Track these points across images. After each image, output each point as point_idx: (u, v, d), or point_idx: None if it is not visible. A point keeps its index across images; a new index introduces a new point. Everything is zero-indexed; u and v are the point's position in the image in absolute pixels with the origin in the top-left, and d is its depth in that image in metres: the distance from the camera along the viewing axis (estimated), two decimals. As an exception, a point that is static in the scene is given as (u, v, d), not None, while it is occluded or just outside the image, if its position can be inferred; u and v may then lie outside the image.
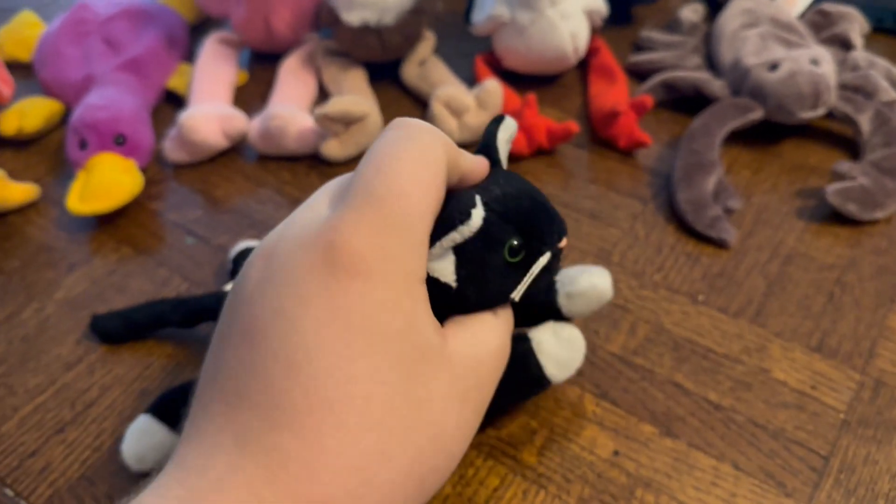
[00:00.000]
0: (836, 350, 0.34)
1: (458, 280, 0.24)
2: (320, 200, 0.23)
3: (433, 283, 0.23)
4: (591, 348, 0.34)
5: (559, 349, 0.29)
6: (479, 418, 0.24)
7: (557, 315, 0.30)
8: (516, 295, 0.25)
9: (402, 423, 0.20)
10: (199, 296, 0.35)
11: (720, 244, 0.38)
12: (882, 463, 0.30)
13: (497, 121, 0.27)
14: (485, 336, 0.24)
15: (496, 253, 0.24)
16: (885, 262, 0.38)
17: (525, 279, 0.25)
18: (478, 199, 0.23)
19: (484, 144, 0.27)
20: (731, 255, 0.38)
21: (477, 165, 0.25)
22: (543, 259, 0.25)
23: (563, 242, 0.26)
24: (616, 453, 0.30)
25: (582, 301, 0.29)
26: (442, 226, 0.23)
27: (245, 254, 0.37)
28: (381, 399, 0.20)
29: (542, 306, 0.30)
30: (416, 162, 0.21)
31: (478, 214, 0.22)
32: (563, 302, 0.29)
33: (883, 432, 0.31)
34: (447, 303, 0.24)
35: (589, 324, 0.35)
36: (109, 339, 0.36)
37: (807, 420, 0.31)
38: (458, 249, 0.23)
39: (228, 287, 0.35)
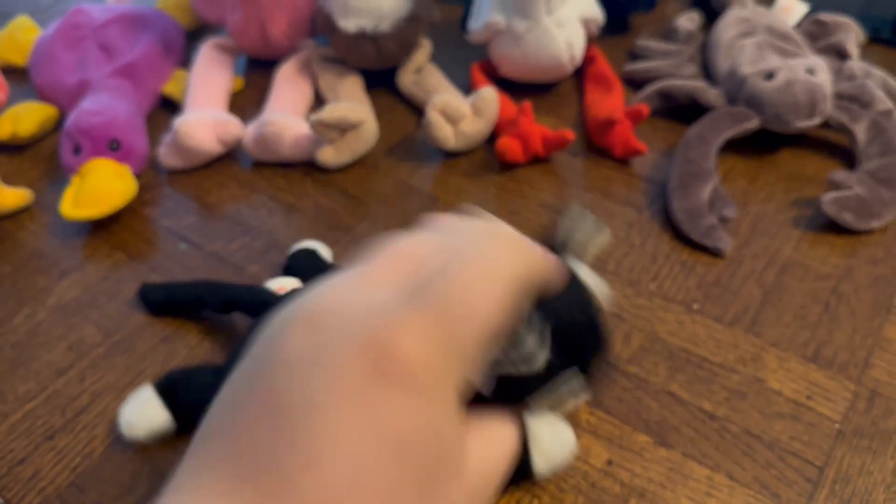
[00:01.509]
0: (832, 360, 0.34)
1: (487, 384, 0.24)
2: (377, 274, 0.21)
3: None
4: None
5: (553, 448, 0.28)
6: None
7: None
8: (534, 404, 0.26)
9: None
10: (239, 286, 0.36)
11: (715, 253, 0.38)
12: (877, 473, 0.30)
13: (581, 218, 0.27)
14: (500, 446, 0.24)
15: (537, 377, 0.24)
16: (881, 271, 0.38)
17: (548, 396, 0.25)
18: (540, 334, 0.23)
19: (557, 242, 0.27)
20: (727, 264, 0.38)
21: (556, 283, 0.24)
22: (576, 383, 0.25)
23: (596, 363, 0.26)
24: (610, 463, 0.30)
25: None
26: (506, 350, 0.23)
27: (302, 254, 0.38)
28: None
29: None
30: (494, 278, 0.20)
31: (542, 358, 0.23)
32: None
33: (878, 443, 0.31)
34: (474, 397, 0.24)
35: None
36: (153, 309, 0.37)
37: (802, 430, 0.31)
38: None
39: (270, 283, 0.35)
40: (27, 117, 0.47)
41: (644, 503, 0.29)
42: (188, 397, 0.31)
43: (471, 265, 0.20)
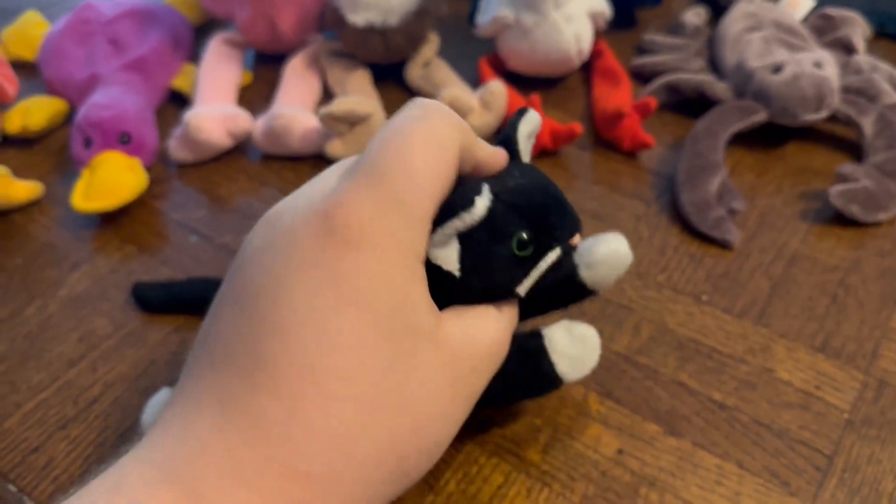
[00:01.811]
0: (840, 351, 0.34)
1: (462, 270, 0.23)
2: (331, 174, 0.23)
3: (436, 271, 0.23)
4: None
5: (572, 347, 0.28)
6: (467, 408, 0.23)
7: (581, 290, 0.28)
8: (522, 290, 0.25)
9: (385, 398, 0.20)
10: None
11: (724, 245, 0.39)
12: (886, 462, 0.30)
13: (520, 113, 0.26)
14: (483, 327, 0.24)
15: (503, 245, 0.24)
16: (888, 263, 0.38)
17: (532, 274, 0.25)
18: (485, 187, 0.22)
19: (504, 136, 0.26)
20: (735, 257, 0.38)
21: (493, 156, 0.24)
22: (553, 255, 0.25)
23: (576, 239, 0.25)
24: (620, 452, 0.30)
25: (604, 269, 0.28)
26: (445, 212, 0.22)
27: None
28: (365, 371, 0.20)
29: (563, 284, 0.28)
30: (426, 141, 0.21)
31: (482, 203, 0.22)
32: (584, 275, 0.28)
33: (887, 432, 0.31)
34: (449, 292, 0.24)
35: (593, 323, 0.35)
36: (148, 308, 0.37)
37: (811, 420, 0.31)
38: (464, 238, 0.23)
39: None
40: (37, 111, 0.47)
41: (654, 491, 0.29)
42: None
43: (402, 131, 0.21)
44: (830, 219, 0.40)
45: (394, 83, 0.51)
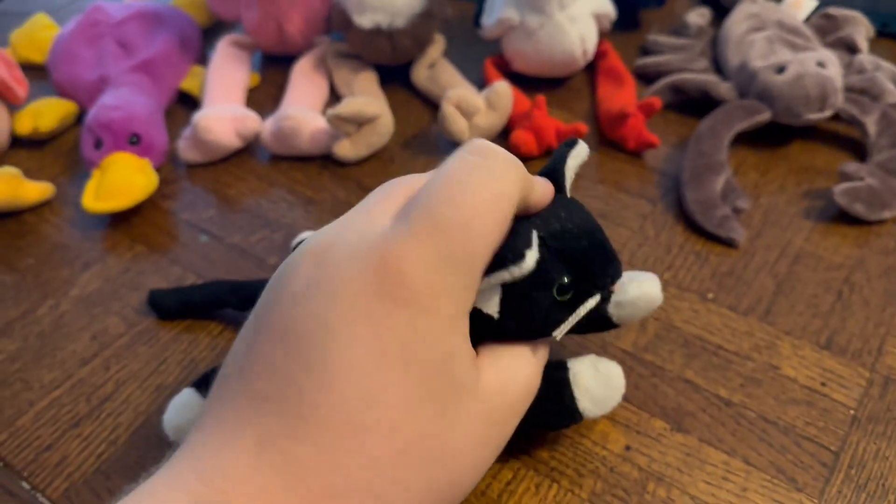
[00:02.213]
0: (845, 348, 0.34)
1: (502, 312, 0.23)
2: (379, 207, 0.22)
3: (475, 312, 0.23)
4: (603, 345, 0.34)
5: (596, 384, 0.28)
6: (497, 452, 0.24)
7: (606, 323, 0.29)
8: (558, 333, 0.25)
9: (424, 455, 0.20)
10: (257, 281, 0.35)
11: (729, 243, 0.39)
12: (892, 458, 0.30)
13: (569, 145, 0.26)
14: (519, 371, 0.24)
15: (545, 291, 0.23)
16: (893, 261, 0.38)
17: (570, 319, 0.25)
18: (534, 238, 0.22)
19: (552, 168, 0.26)
20: (740, 255, 0.39)
21: (544, 196, 0.24)
22: (592, 301, 0.25)
23: (616, 286, 0.26)
24: (628, 448, 0.31)
25: (632, 309, 0.28)
26: (494, 261, 0.22)
27: None
28: (407, 430, 0.20)
29: (589, 316, 0.28)
30: (489, 197, 0.20)
31: (532, 257, 0.21)
32: (612, 311, 0.28)
33: (893, 428, 0.31)
34: (485, 330, 0.24)
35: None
36: (164, 315, 0.37)
37: (817, 416, 0.31)
38: (507, 284, 0.23)
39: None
40: (47, 113, 0.48)
41: (662, 487, 0.29)
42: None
43: (466, 182, 0.20)
44: (834, 217, 0.40)
45: (400, 84, 0.51)
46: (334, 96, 0.50)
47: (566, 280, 0.24)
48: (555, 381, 0.27)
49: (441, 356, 0.20)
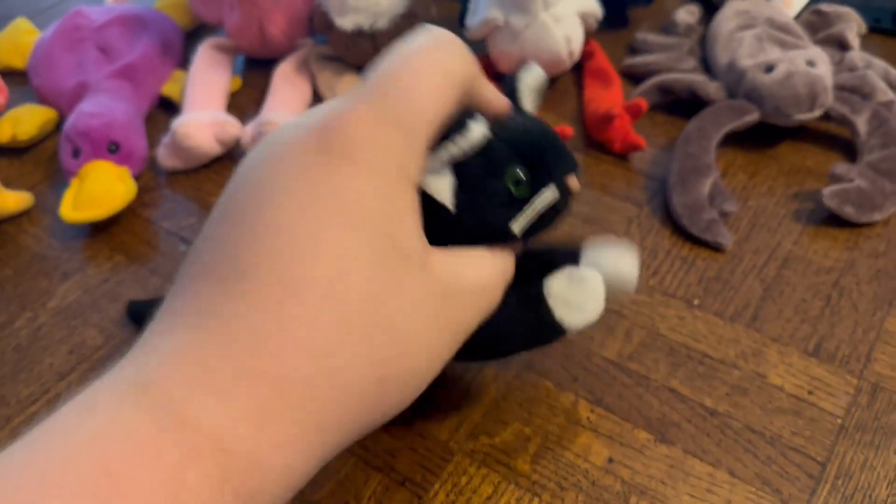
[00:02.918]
0: (834, 354, 0.33)
1: (457, 205, 0.23)
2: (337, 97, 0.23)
3: (430, 203, 0.23)
4: (587, 354, 0.34)
5: (569, 290, 0.26)
6: (452, 347, 0.23)
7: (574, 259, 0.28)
8: (517, 227, 0.24)
9: (369, 315, 0.19)
10: None
11: (716, 248, 0.38)
12: (880, 469, 0.29)
13: (526, 68, 0.27)
14: (475, 264, 0.23)
15: (498, 179, 0.23)
16: (883, 264, 0.37)
17: (527, 211, 0.24)
18: (480, 117, 0.23)
19: (507, 88, 0.26)
20: (728, 259, 0.38)
21: (496, 98, 0.24)
22: (549, 192, 0.24)
23: (573, 182, 0.25)
24: (610, 460, 0.30)
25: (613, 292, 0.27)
26: (440, 140, 0.22)
27: None
28: (347, 284, 0.19)
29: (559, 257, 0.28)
30: (433, 67, 0.21)
31: (477, 127, 0.22)
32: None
33: (881, 437, 0.30)
34: (443, 229, 0.23)
35: (583, 330, 0.35)
36: (142, 325, 0.36)
37: (804, 426, 0.31)
38: (459, 170, 0.23)
39: None
40: (27, 120, 0.47)
41: (645, 500, 0.29)
42: None
43: (410, 55, 0.21)
44: (824, 219, 0.40)
45: (384, 86, 0.51)
46: (318, 99, 0.50)
47: (520, 171, 0.24)
48: (529, 297, 0.26)
49: (386, 218, 0.20)
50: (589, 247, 0.28)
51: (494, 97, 0.24)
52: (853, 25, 0.49)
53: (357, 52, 0.47)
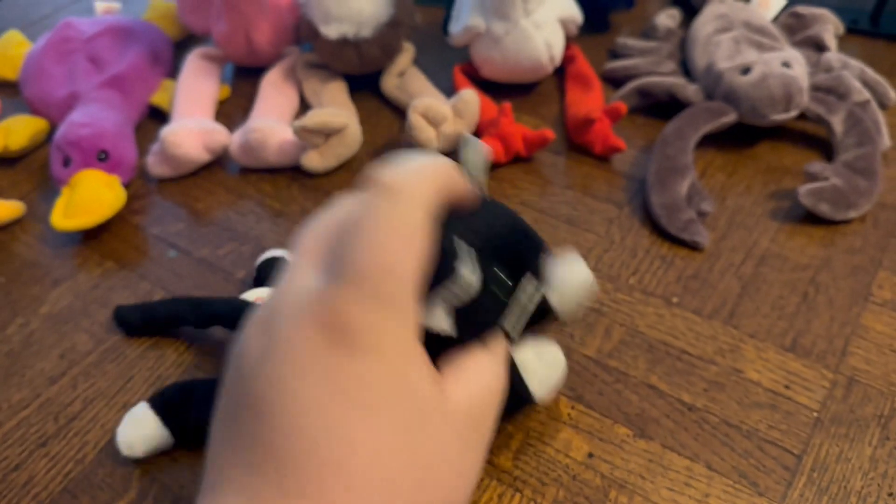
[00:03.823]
0: (810, 349, 0.34)
1: (454, 325, 0.24)
2: (303, 266, 0.23)
3: (429, 333, 0.24)
4: (567, 352, 0.34)
5: (541, 368, 0.29)
6: (483, 454, 0.25)
7: (549, 314, 0.29)
8: (509, 325, 0.26)
9: (408, 480, 0.21)
10: (217, 299, 0.36)
11: (694, 247, 0.39)
12: (854, 461, 0.30)
13: (465, 145, 0.27)
14: (482, 377, 0.25)
15: (486, 293, 0.25)
16: (858, 260, 0.38)
17: (515, 310, 0.26)
18: (464, 251, 0.23)
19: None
20: (705, 258, 0.39)
21: (468, 196, 0.25)
22: (531, 287, 0.26)
23: (546, 259, 0.27)
24: (591, 455, 0.31)
25: (571, 297, 0.28)
26: (433, 282, 0.23)
27: (270, 263, 0.38)
28: (385, 460, 0.20)
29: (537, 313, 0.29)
30: (398, 235, 0.21)
31: (469, 275, 0.23)
32: (556, 304, 0.28)
33: (856, 430, 0.31)
34: (444, 344, 0.25)
35: (565, 328, 0.35)
36: (129, 330, 0.37)
37: (780, 419, 0.31)
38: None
39: (246, 294, 0.36)
40: (18, 130, 0.48)
41: (624, 495, 0.29)
42: (189, 413, 0.31)
43: (370, 228, 0.21)
44: (801, 217, 0.40)
45: (370, 93, 0.51)
46: (305, 107, 0.50)
47: (504, 277, 0.25)
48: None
49: (400, 390, 0.21)
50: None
51: (467, 196, 0.25)
52: (830, 27, 0.50)
53: (342, 60, 0.48)
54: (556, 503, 0.29)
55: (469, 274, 0.23)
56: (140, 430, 0.31)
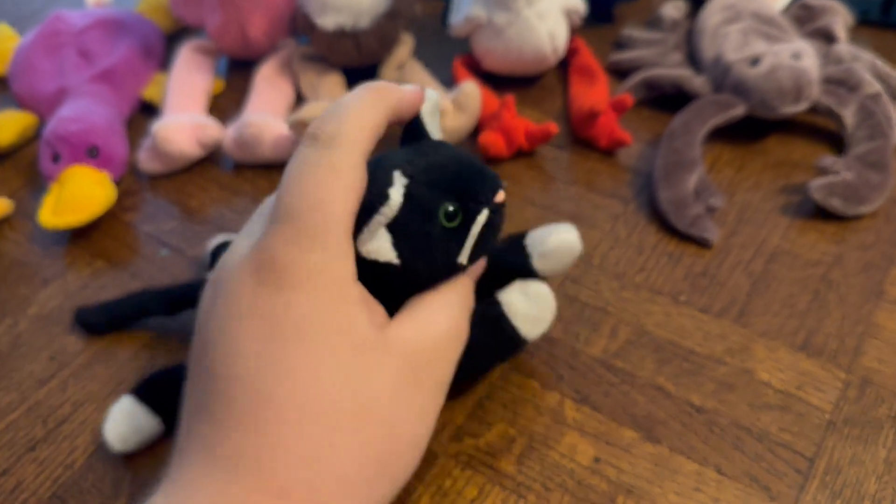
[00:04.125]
0: (822, 349, 0.33)
1: (401, 256, 0.24)
2: (255, 224, 0.25)
3: (376, 266, 0.24)
4: (572, 352, 0.33)
5: (529, 307, 0.29)
6: (439, 397, 0.25)
7: (530, 273, 0.30)
8: (463, 258, 0.25)
9: (347, 413, 0.22)
10: (180, 284, 0.36)
11: (702, 243, 0.38)
12: (868, 463, 0.29)
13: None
14: (431, 317, 0.25)
15: (432, 222, 0.24)
16: (870, 257, 0.37)
17: (467, 241, 0.25)
18: (395, 175, 0.24)
19: (410, 124, 0.27)
20: (714, 255, 0.38)
21: (409, 100, 0.26)
22: (482, 217, 0.25)
23: (500, 196, 0.26)
24: (597, 460, 0.30)
25: (555, 258, 0.30)
26: (364, 210, 0.23)
27: (222, 247, 0.37)
28: (320, 393, 0.21)
29: (516, 271, 0.30)
30: (324, 174, 0.23)
31: (396, 192, 0.23)
32: (537, 264, 0.30)
33: (869, 432, 0.30)
34: (397, 282, 0.25)
35: (569, 327, 0.34)
36: (94, 331, 0.36)
37: (792, 421, 0.30)
38: (392, 226, 0.24)
39: (208, 275, 0.35)
40: (6, 126, 0.47)
41: (631, 500, 0.28)
42: (175, 397, 0.30)
43: (302, 170, 0.23)
44: (812, 213, 0.39)
45: (369, 86, 0.50)
46: (300, 101, 0.49)
47: (450, 207, 0.25)
48: (492, 318, 0.28)
49: (332, 323, 0.22)
50: (528, 236, 0.30)
51: (407, 103, 0.26)
52: (840, 18, 0.48)
53: (340, 52, 0.47)
54: (562, 510, 0.28)
55: (395, 193, 0.23)
56: (130, 422, 0.30)
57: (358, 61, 0.47)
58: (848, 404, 0.31)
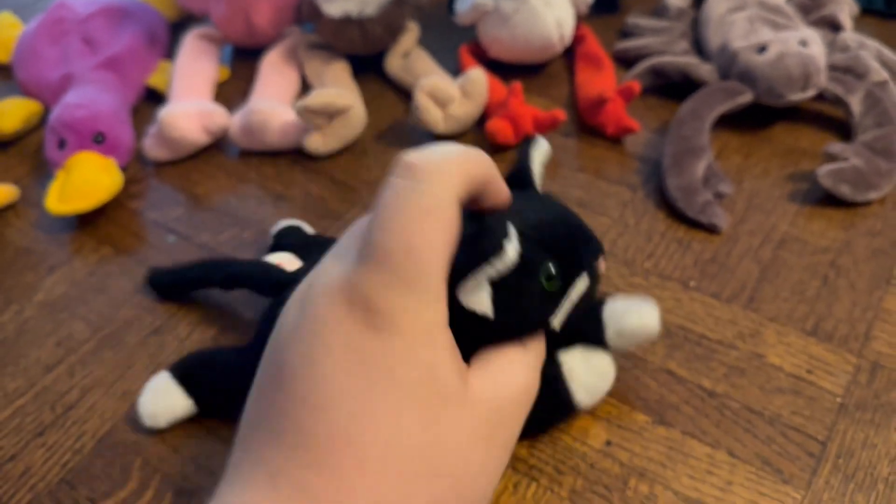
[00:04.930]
0: (832, 334, 0.33)
1: (497, 310, 0.23)
2: (347, 248, 0.23)
3: (468, 314, 0.23)
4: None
5: (589, 377, 0.28)
6: (507, 454, 0.24)
7: (600, 341, 0.29)
8: (556, 321, 0.25)
9: (424, 465, 0.21)
10: (242, 261, 0.35)
11: (711, 230, 0.38)
12: (881, 446, 0.29)
13: (529, 142, 0.27)
14: (510, 373, 0.24)
15: (533, 280, 0.24)
16: (879, 243, 0.37)
17: (564, 304, 0.25)
18: (511, 230, 0.23)
19: (519, 168, 0.27)
20: (723, 241, 0.37)
21: (502, 195, 0.25)
22: (581, 283, 0.25)
23: (601, 263, 0.26)
24: (609, 443, 0.30)
25: (630, 338, 0.29)
26: (475, 258, 0.22)
27: (286, 232, 0.37)
28: (401, 442, 0.21)
29: (586, 337, 0.29)
30: (421, 215, 0.21)
31: (512, 248, 0.22)
32: (610, 338, 0.29)
33: (881, 415, 0.30)
34: (482, 333, 0.24)
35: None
36: (163, 294, 0.37)
37: (803, 405, 0.30)
38: (494, 279, 0.23)
39: (269, 257, 0.35)
40: (11, 113, 0.47)
41: (644, 483, 0.28)
42: (211, 382, 0.31)
43: (395, 208, 0.22)
44: (820, 199, 0.39)
45: (374, 74, 0.50)
46: (306, 88, 0.49)
47: (552, 268, 0.24)
48: (549, 378, 0.27)
49: (422, 372, 0.21)
50: (607, 305, 0.29)
51: (500, 196, 0.24)
52: (845, 7, 0.48)
53: (345, 39, 0.46)
54: (574, 492, 0.28)
55: (511, 249, 0.22)
56: (163, 400, 0.30)
57: (363, 49, 0.47)
58: (859, 388, 0.31)
